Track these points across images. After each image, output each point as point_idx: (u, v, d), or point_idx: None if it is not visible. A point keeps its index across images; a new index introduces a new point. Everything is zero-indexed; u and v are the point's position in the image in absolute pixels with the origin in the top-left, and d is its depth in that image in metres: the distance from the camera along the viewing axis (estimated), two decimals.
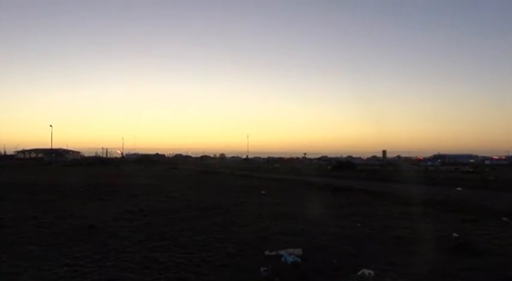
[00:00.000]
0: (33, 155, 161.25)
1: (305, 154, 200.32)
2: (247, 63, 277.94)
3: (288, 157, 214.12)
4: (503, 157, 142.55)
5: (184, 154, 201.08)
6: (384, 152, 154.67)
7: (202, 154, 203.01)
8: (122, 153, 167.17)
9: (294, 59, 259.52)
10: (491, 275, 8.53)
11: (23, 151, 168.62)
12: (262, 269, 8.76)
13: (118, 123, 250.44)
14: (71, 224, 14.73)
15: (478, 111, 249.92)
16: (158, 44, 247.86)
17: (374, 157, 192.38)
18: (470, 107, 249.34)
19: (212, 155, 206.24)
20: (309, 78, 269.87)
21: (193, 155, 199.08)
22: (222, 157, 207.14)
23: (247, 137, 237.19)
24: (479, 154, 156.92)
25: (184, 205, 20.85)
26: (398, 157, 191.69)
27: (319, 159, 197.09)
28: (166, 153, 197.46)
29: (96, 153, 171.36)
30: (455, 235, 12.62)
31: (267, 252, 10.26)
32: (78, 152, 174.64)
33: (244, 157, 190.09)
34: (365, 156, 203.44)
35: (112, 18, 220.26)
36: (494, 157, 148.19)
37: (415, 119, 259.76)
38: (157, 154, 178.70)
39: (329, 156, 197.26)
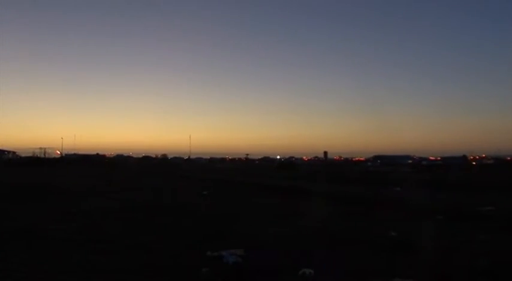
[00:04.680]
0: None
1: (247, 154, 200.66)
2: (188, 62, 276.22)
3: (230, 157, 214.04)
4: (439, 158, 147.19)
5: (125, 154, 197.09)
6: (325, 153, 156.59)
7: (144, 154, 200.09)
8: (61, 153, 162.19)
9: (234, 58, 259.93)
10: (427, 272, 8.86)
11: None
12: (203, 270, 8.78)
13: (57, 122, 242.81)
14: (5, 227, 14.24)
15: (416, 114, 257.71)
16: (98, 43, 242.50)
17: (316, 158, 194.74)
18: (408, 109, 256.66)
19: (154, 156, 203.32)
20: (251, 79, 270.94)
21: (134, 156, 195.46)
22: (164, 157, 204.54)
23: (190, 137, 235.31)
24: (416, 155, 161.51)
25: (124, 205, 20.56)
26: (340, 157, 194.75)
27: (261, 159, 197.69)
28: (107, 153, 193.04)
29: (34, 153, 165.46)
30: (393, 233, 13.01)
31: (208, 253, 10.27)
32: (14, 152, 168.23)
33: (187, 157, 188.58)
34: (307, 157, 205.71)
35: (51, 16, 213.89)
36: (430, 157, 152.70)
37: (355, 121, 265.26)
38: (97, 154, 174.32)
39: (271, 157, 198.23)
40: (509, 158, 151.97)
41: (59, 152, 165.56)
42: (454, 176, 50.68)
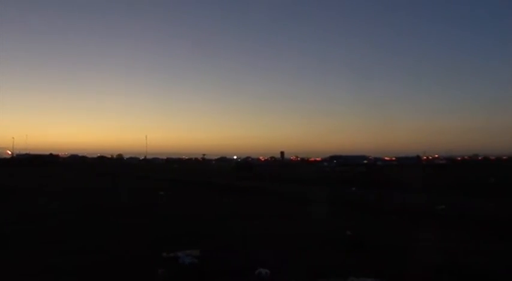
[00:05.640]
0: None
1: (204, 154, 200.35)
2: (144, 61, 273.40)
3: (187, 157, 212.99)
4: (394, 158, 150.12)
5: (80, 155, 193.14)
6: (282, 153, 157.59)
7: (99, 155, 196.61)
8: (12, 153, 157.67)
9: (191, 58, 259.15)
10: (379, 270, 8.96)
11: None
12: (159, 271, 8.65)
13: (8, 121, 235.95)
14: None
15: (371, 115, 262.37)
16: (51, 42, 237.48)
17: (273, 158, 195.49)
18: (363, 110, 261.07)
19: (109, 156, 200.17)
20: (207, 80, 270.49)
21: (89, 156, 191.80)
22: (120, 157, 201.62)
23: (146, 137, 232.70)
24: (372, 155, 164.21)
25: (79, 206, 20.12)
26: (296, 157, 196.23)
27: (218, 160, 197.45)
28: (61, 153, 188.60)
29: None
30: (348, 232, 13.13)
31: (164, 254, 10.13)
32: None
33: (143, 157, 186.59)
34: (264, 157, 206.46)
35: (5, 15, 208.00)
36: (385, 158, 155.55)
37: (312, 121, 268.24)
38: (51, 154, 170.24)
39: (228, 157, 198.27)
40: (460, 159, 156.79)
41: (10, 152, 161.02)
42: (408, 176, 51.68)
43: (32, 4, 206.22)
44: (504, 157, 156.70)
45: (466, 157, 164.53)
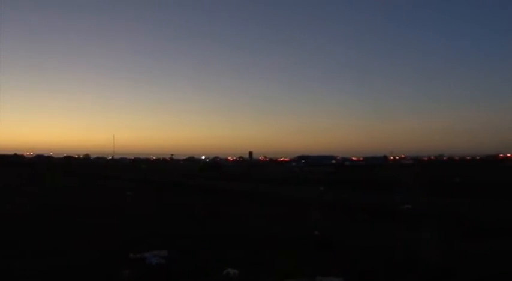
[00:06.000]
0: None
1: (172, 154, 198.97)
2: (112, 60, 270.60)
3: (155, 157, 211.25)
4: (362, 158, 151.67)
5: (46, 154, 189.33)
6: (251, 153, 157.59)
7: (65, 154, 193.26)
8: None
9: (158, 57, 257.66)
10: (348, 269, 9.03)
11: None
12: (125, 272, 8.53)
13: None
14: None
15: (339, 115, 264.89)
16: (16, 41, 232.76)
17: (241, 158, 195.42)
18: (331, 110, 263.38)
19: (76, 156, 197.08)
20: (175, 79, 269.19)
21: (55, 156, 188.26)
22: (87, 157, 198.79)
23: (113, 137, 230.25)
24: (339, 155, 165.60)
25: (43, 207, 19.69)
26: (264, 157, 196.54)
27: (186, 160, 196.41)
28: (25, 153, 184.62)
29: None
30: (316, 232, 13.19)
31: (131, 255, 10.00)
32: None
33: (110, 157, 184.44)
34: (232, 157, 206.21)
35: None
36: (353, 158, 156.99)
37: (280, 121, 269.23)
38: (15, 154, 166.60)
39: (196, 157, 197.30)
40: (426, 159, 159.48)
41: None
42: (375, 176, 52.36)
43: None
44: (468, 157, 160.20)
45: (432, 157, 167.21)
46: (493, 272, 9.09)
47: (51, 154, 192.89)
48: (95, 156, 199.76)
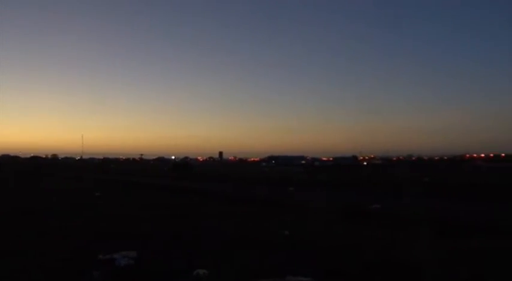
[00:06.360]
0: None
1: (142, 154, 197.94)
2: (80, 58, 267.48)
3: (124, 157, 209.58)
4: (331, 158, 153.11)
5: (12, 154, 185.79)
6: (221, 153, 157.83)
7: (32, 154, 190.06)
8: None
9: (126, 56, 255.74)
10: (318, 268, 9.10)
11: None
12: (94, 273, 8.46)
13: None
14: None
15: (308, 115, 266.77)
16: None
17: (211, 158, 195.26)
18: (300, 110, 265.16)
19: (43, 156, 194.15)
20: (144, 78, 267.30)
21: (22, 156, 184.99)
22: (54, 157, 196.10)
23: (82, 137, 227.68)
24: (309, 155, 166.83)
25: (8, 209, 19.34)
26: (234, 158, 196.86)
27: (156, 160, 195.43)
28: None
29: None
30: (286, 232, 13.28)
31: (100, 256, 9.90)
32: None
33: (79, 157, 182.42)
34: (202, 157, 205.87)
35: None
36: (323, 158, 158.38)
37: (250, 121, 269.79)
38: None
39: (166, 157, 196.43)
40: (395, 159, 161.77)
41: None
42: (345, 176, 52.86)
43: None
44: (436, 158, 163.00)
45: (401, 157, 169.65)
46: (461, 270, 9.25)
47: (19, 153, 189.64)
48: (63, 156, 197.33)
